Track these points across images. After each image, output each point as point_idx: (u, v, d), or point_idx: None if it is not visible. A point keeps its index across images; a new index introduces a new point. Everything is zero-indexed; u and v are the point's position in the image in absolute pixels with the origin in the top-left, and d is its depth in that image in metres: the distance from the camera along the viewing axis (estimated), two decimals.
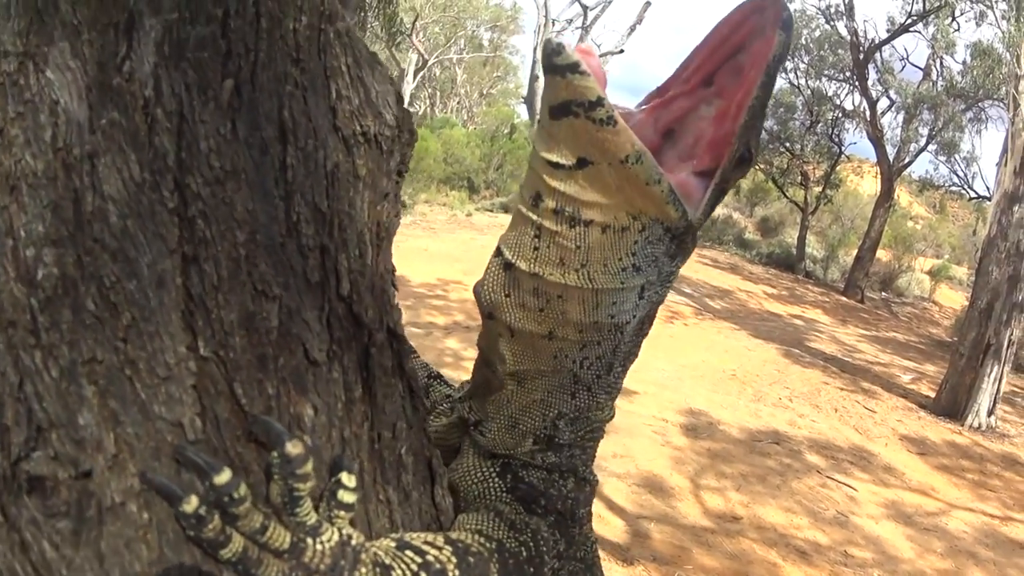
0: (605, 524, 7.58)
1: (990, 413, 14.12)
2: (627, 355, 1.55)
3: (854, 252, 30.49)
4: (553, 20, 35.63)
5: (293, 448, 1.06)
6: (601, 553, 1.77)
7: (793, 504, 9.07)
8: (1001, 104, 23.71)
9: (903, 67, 29.80)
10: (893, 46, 29.56)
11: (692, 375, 13.68)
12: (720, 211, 39.51)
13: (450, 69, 46.13)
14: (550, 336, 1.42)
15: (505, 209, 26.86)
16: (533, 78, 36.31)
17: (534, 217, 1.36)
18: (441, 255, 18.58)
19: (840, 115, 32.03)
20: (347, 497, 1.17)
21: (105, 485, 1.02)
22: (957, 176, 31.14)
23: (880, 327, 24.59)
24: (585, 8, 31.90)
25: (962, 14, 26.30)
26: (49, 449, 1.00)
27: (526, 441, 1.54)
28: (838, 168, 33.07)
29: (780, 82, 32.70)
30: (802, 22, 32.12)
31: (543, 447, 1.54)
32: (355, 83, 1.22)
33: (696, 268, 26.76)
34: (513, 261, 1.39)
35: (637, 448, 9.69)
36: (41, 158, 1.00)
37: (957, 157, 30.19)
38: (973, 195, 31.56)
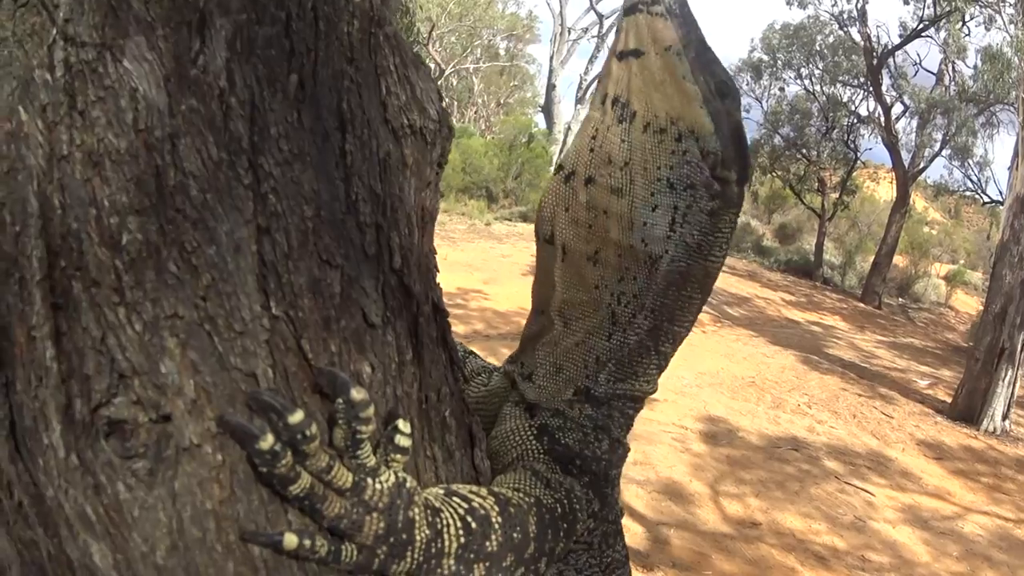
0: (625, 531, 7.43)
1: (1005, 417, 14.07)
2: (669, 316, 1.63)
3: (871, 258, 30.31)
4: (569, 29, 35.41)
5: (357, 394, 1.19)
6: None
7: (811, 509, 9.10)
8: (1012, 108, 23.60)
9: (916, 72, 29.59)
10: (906, 51, 29.35)
11: (711, 382, 13.68)
12: (739, 219, 39.43)
13: (467, 79, 45.73)
14: (595, 259, 1.58)
15: (524, 218, 26.71)
16: (550, 87, 36.10)
17: (597, 115, 1.58)
18: (460, 264, 18.56)
19: (855, 121, 31.80)
20: (403, 441, 1.28)
21: (184, 427, 1.10)
22: (971, 181, 30.99)
23: (897, 333, 24.46)
24: (600, 16, 31.83)
25: (972, 18, 26.17)
26: (131, 394, 1.08)
27: (568, 390, 1.64)
28: (854, 174, 32.86)
29: (795, 88, 32.60)
30: (816, 28, 31.98)
31: (581, 399, 1.64)
32: (402, 81, 1.36)
33: None
34: (573, 168, 1.59)
35: (657, 455, 9.74)
36: (124, 137, 1.08)
37: (970, 162, 30.03)
38: (987, 199, 31.35)
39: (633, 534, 7.63)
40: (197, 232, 1.11)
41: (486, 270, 17.94)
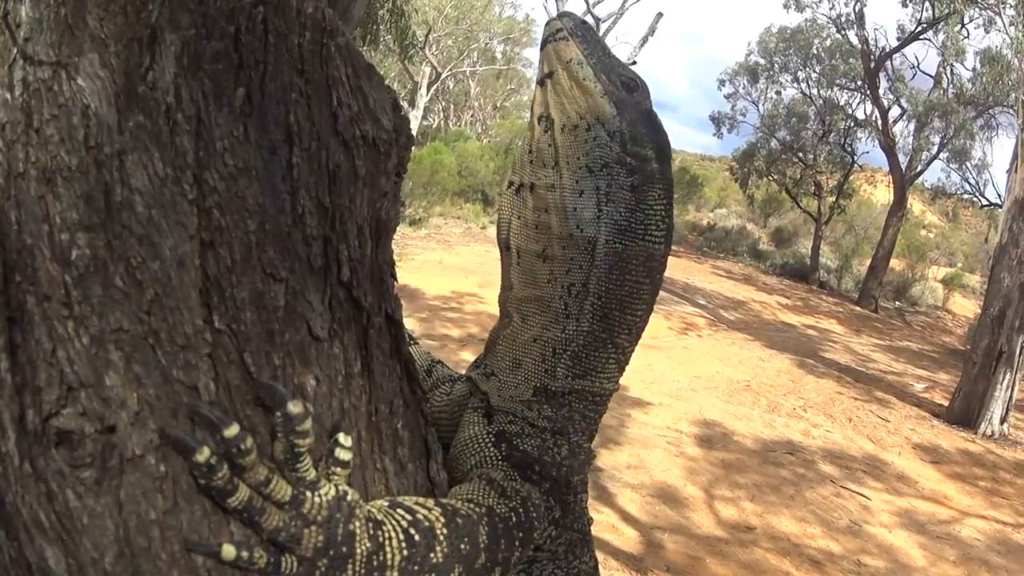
0: (619, 534, 7.66)
1: (1003, 420, 14.12)
2: (618, 303, 1.69)
3: (867, 262, 30.47)
4: None
5: (294, 407, 1.20)
6: (615, 563, 1.86)
7: (806, 513, 9.12)
8: (1011, 110, 23.70)
9: (914, 75, 29.74)
10: (904, 54, 29.60)
11: (706, 386, 13.75)
12: (734, 221, 39.34)
13: (464, 82, 45.85)
14: (543, 255, 1.70)
15: None
16: None
17: (531, 133, 1.75)
18: (456, 268, 18.69)
19: (852, 124, 32.04)
20: (343, 455, 1.30)
21: (127, 439, 1.12)
22: (969, 184, 31.17)
23: (894, 336, 24.64)
24: (597, 20, 31.74)
25: (971, 20, 26.25)
26: (79, 406, 1.10)
27: (527, 389, 1.68)
28: (851, 178, 33.03)
29: (792, 92, 32.68)
30: (812, 31, 32.10)
31: (541, 399, 1.68)
32: (355, 92, 1.34)
33: (710, 279, 26.80)
34: (520, 181, 1.74)
35: (651, 459, 9.77)
36: (75, 154, 1.09)
37: (968, 165, 30.28)
38: (985, 202, 31.48)
39: (627, 538, 7.65)
40: (142, 247, 1.12)
41: (481, 273, 17.99)
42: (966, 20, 25.96)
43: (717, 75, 37.18)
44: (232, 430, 1.15)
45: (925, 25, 27.48)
